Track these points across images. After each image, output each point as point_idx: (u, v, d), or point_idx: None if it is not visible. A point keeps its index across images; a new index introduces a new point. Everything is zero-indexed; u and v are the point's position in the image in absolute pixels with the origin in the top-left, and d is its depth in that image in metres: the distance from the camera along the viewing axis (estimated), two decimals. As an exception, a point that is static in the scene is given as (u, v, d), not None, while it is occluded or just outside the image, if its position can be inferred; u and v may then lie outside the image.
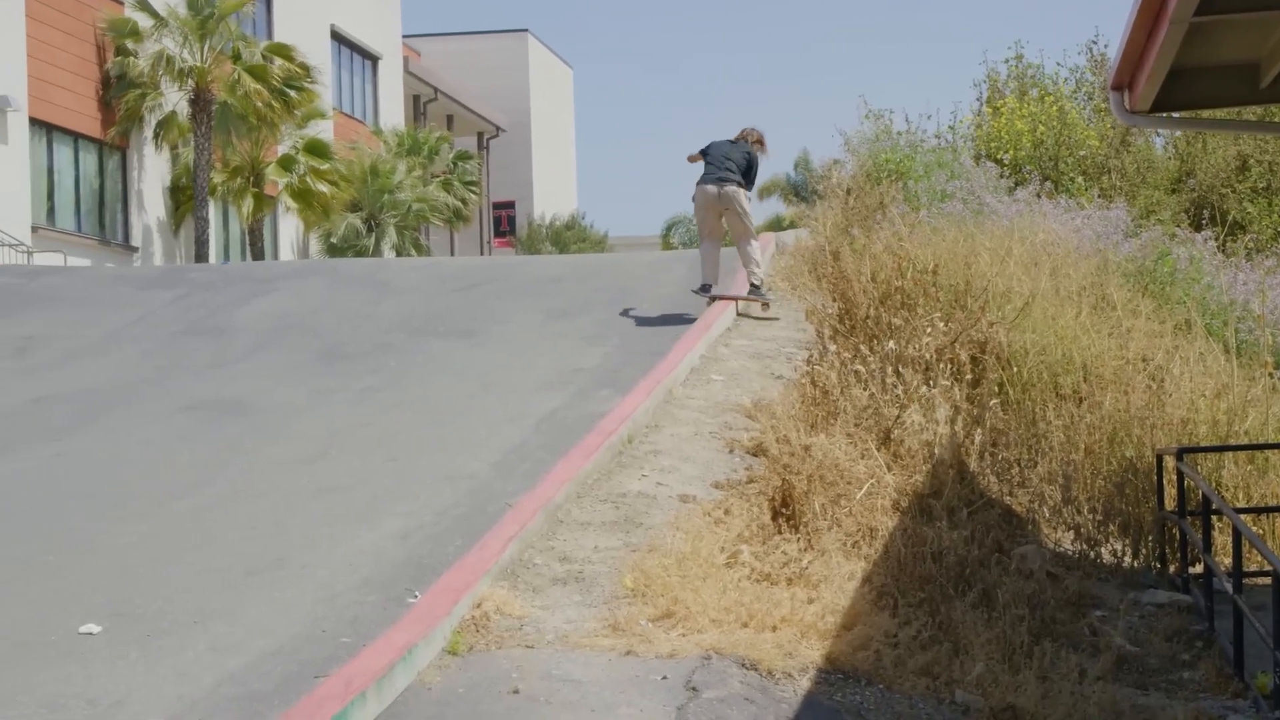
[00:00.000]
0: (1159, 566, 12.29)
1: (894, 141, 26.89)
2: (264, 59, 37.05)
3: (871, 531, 10.77)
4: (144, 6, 35.61)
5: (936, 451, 12.57)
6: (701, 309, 17.64)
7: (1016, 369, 14.78)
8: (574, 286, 20.48)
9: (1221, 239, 23.22)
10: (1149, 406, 13.61)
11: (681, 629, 8.46)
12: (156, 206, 37.41)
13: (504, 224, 63.42)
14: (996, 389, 14.39)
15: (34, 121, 33.01)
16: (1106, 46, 32.87)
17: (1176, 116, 12.29)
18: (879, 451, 12.25)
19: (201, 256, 35.53)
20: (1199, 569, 11.46)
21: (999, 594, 10.11)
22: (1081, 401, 14.04)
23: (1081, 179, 28.67)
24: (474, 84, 61.37)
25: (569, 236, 58.42)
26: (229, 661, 7.79)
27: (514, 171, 64.00)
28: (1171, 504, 12.23)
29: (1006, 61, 34.22)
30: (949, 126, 32.13)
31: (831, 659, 8.43)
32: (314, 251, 43.07)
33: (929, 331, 14.61)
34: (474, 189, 51.15)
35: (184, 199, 37.59)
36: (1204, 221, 26.57)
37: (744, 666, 7.98)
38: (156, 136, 36.96)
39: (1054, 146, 29.78)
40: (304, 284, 21.63)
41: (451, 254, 54.10)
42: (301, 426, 13.63)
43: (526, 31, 65.64)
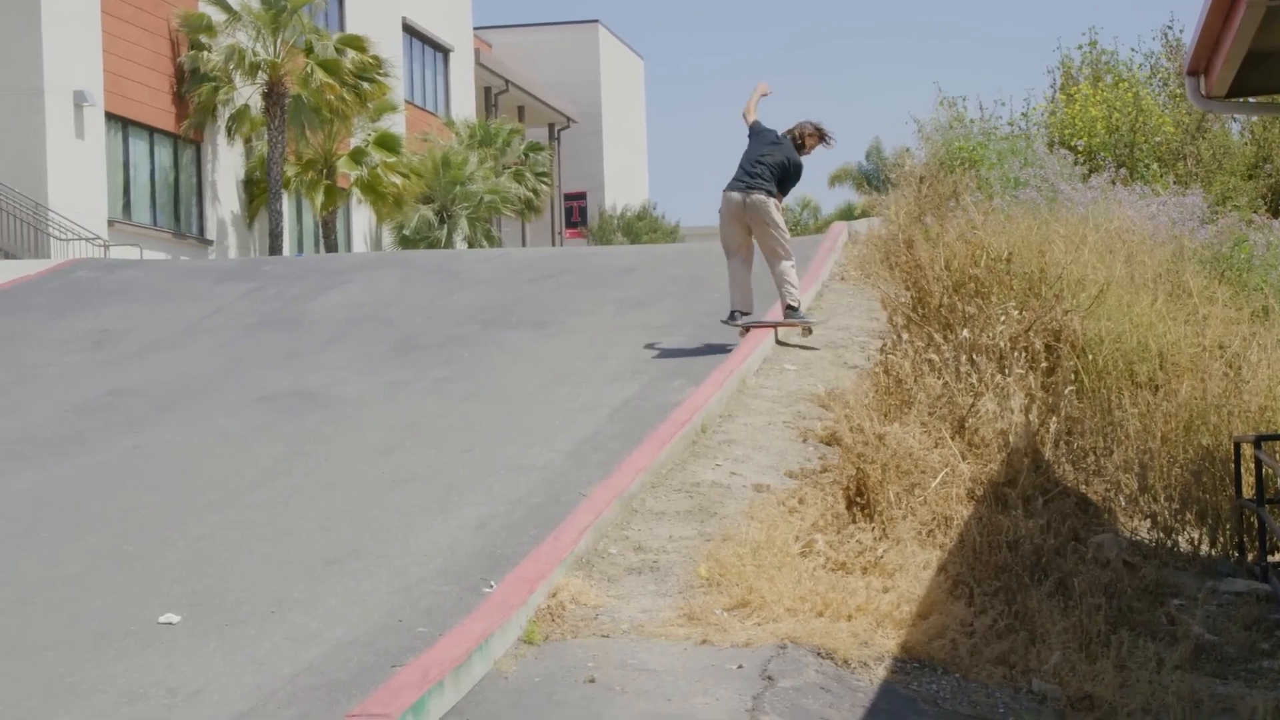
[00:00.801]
0: (1237, 555, 12.19)
1: (967, 129, 26.75)
2: (336, 52, 37.27)
3: (946, 520, 10.73)
4: (218, 1, 35.85)
5: (1011, 440, 12.50)
6: (757, 311, 17.50)
7: (1091, 357, 14.67)
8: (646, 277, 20.48)
9: (1299, 224, 22.95)
10: (1226, 394, 13.48)
11: (757, 618, 8.45)
12: (230, 200, 37.66)
13: (575, 215, 63.49)
14: (1071, 377, 14.29)
15: (110, 116, 33.30)
16: (1182, 31, 32.60)
17: (1253, 101, 12.16)
18: (953, 440, 12.20)
19: (275, 249, 35.75)
20: (1278, 557, 11.35)
21: (1075, 583, 10.04)
22: (1157, 389, 13.93)
23: (1156, 165, 28.43)
24: (545, 75, 61.43)
25: (640, 227, 58.38)
26: (306, 651, 7.84)
27: (585, 162, 64.03)
28: (1249, 492, 12.12)
29: (1080, 48, 33.98)
30: (1022, 114, 31.95)
31: (907, 648, 8.40)
32: (386, 243, 43.25)
33: (1003, 320, 14.54)
34: (545, 180, 51.22)
35: (258, 192, 37.83)
36: (1281, 207, 26.31)
37: (820, 655, 7.96)
38: (230, 130, 37.21)
39: (1129, 133, 29.54)
40: (377, 276, 21.72)
41: (523, 245, 54.19)
42: (376, 417, 13.70)
43: (597, 22, 65.64)
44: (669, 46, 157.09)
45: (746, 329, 15.60)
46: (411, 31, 48.65)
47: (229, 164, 37.65)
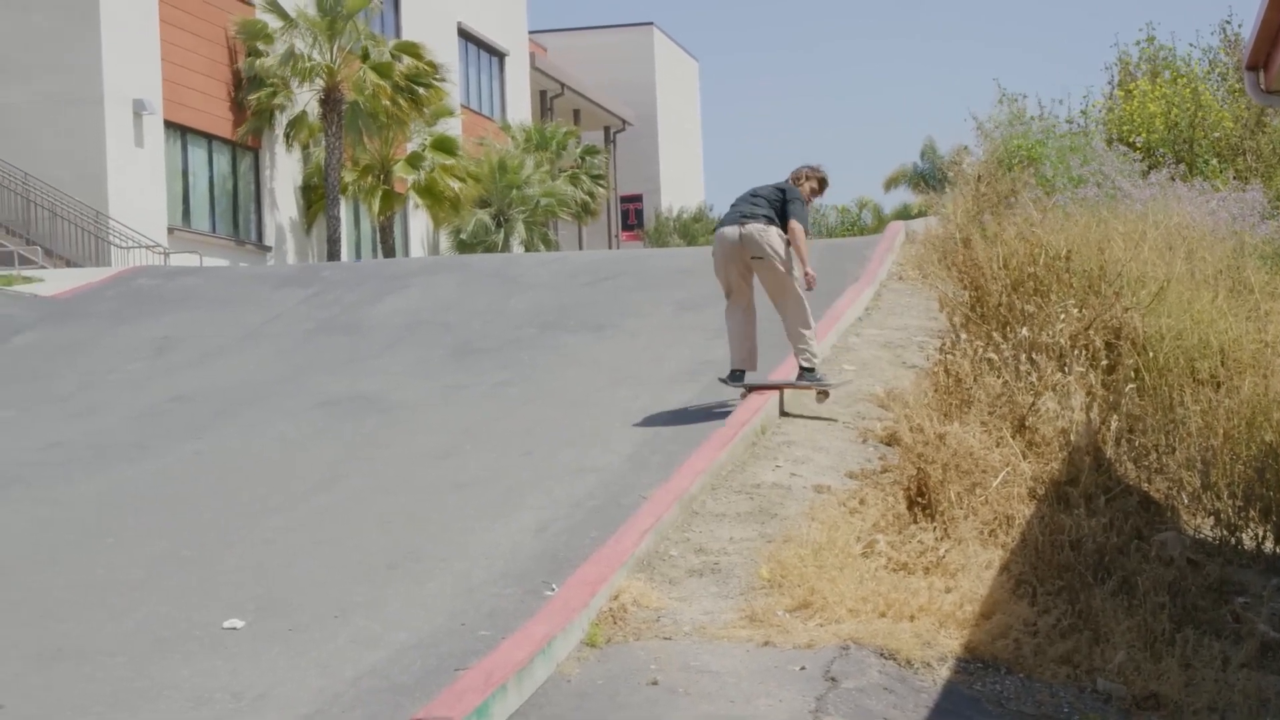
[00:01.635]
0: (1302, 552, 12.09)
1: (1026, 127, 26.63)
2: (392, 57, 37.40)
3: (1008, 520, 10.68)
4: (274, 8, 36.05)
5: (1072, 439, 12.44)
6: (814, 312, 17.41)
7: (1152, 354, 14.57)
8: (703, 279, 20.38)
9: (1362, 219, 22.76)
10: (1289, 390, 13.37)
11: (819, 619, 8.44)
12: (289, 206, 37.87)
13: (632, 217, 63.53)
14: (1132, 375, 14.20)
15: (169, 124, 33.54)
16: (1240, 26, 32.33)
17: (1314, 96, 12.06)
18: (1014, 439, 12.14)
19: (333, 254, 35.92)
20: (1344, 554, 11.25)
21: (1139, 581, 9.98)
22: (1219, 386, 13.82)
23: (1216, 161, 28.23)
24: (600, 78, 61.49)
25: (697, 229, 58.36)
26: (370, 654, 7.87)
27: (641, 165, 64.06)
28: (1314, 488, 12.01)
29: (1138, 44, 33.77)
30: (1081, 111, 31.79)
31: (970, 648, 8.38)
32: (444, 248, 43.38)
33: (1063, 318, 14.46)
34: (601, 183, 51.31)
35: (315, 198, 38.02)
36: (1344, 202, 26.05)
37: (882, 656, 7.95)
38: (287, 136, 37.43)
39: (1187, 129, 29.34)
40: (435, 280, 21.79)
41: (580, 248, 54.30)
42: (435, 421, 13.74)
43: (652, 25, 65.69)
44: (723, 46, 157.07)
45: (749, 390, 13.21)
46: (467, 36, 48.79)
47: (287, 170, 37.85)
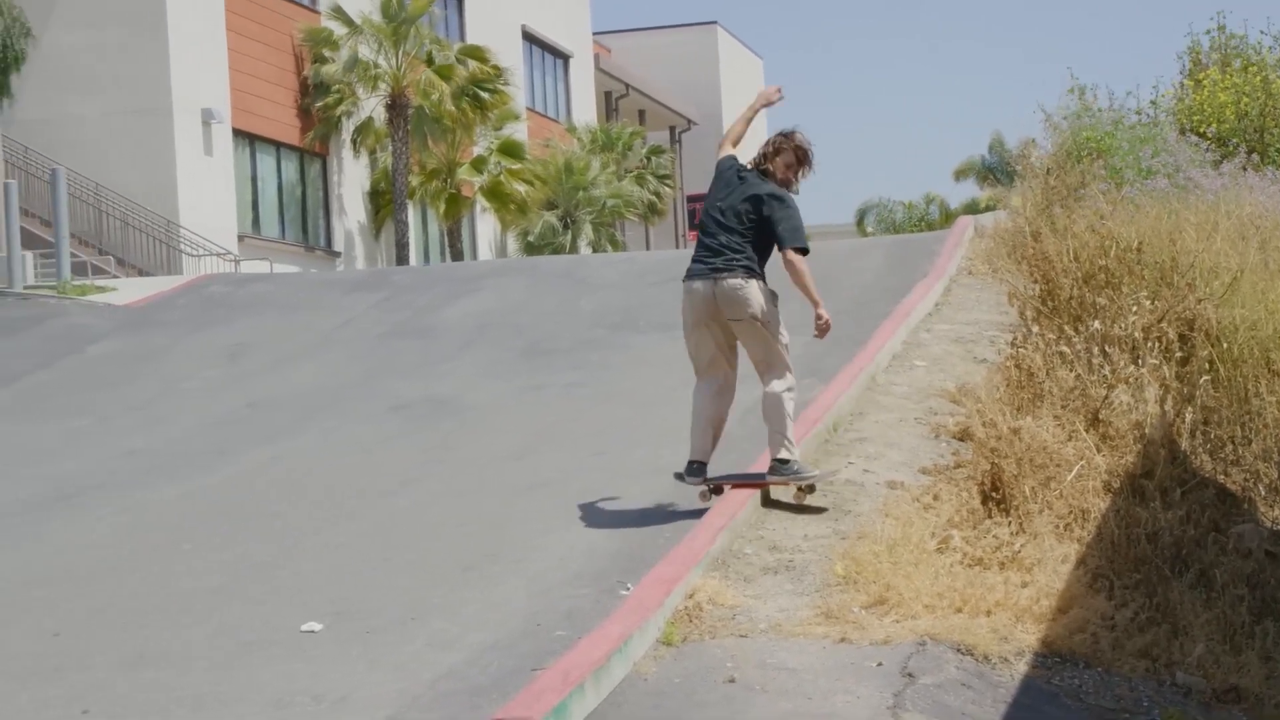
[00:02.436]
0: (1381, 543, 11.98)
1: (1096, 118, 26.47)
2: (457, 62, 37.53)
3: (1083, 514, 10.63)
4: (339, 15, 36.28)
5: (1147, 431, 12.37)
6: (883, 308, 17.35)
7: (1226, 345, 14.47)
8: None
9: None
10: (1367, 380, 13.26)
11: (895, 615, 8.43)
12: (357, 211, 38.08)
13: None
14: (1206, 366, 14.10)
15: (237, 133, 33.80)
16: (1311, 12, 32.05)
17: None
18: (1087, 433, 12.09)
19: (402, 259, 36.10)
20: None
21: (1217, 574, 9.93)
22: (1295, 377, 13.72)
23: (1288, 150, 27.98)
24: (664, 78, 61.49)
25: (764, 227, 58.21)
26: (447, 656, 7.91)
27: (707, 164, 63.40)
28: (1393, 479, 11.92)
29: (1208, 32, 33.50)
30: (1151, 101, 31.56)
31: (1048, 642, 8.35)
32: (511, 250, 43.52)
33: (1135, 310, 14.37)
34: (668, 183, 51.35)
35: (383, 203, 38.22)
36: None
37: (959, 652, 7.93)
38: (354, 142, 37.63)
39: (1258, 118, 29.08)
40: (504, 283, 21.88)
41: (647, 248, 54.31)
42: (508, 423, 13.79)
43: (715, 24, 65.65)
44: (788, 43, 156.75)
45: (715, 489, 10.31)
46: (531, 39, 48.91)
47: (354, 176, 38.06)
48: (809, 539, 9.82)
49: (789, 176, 10.43)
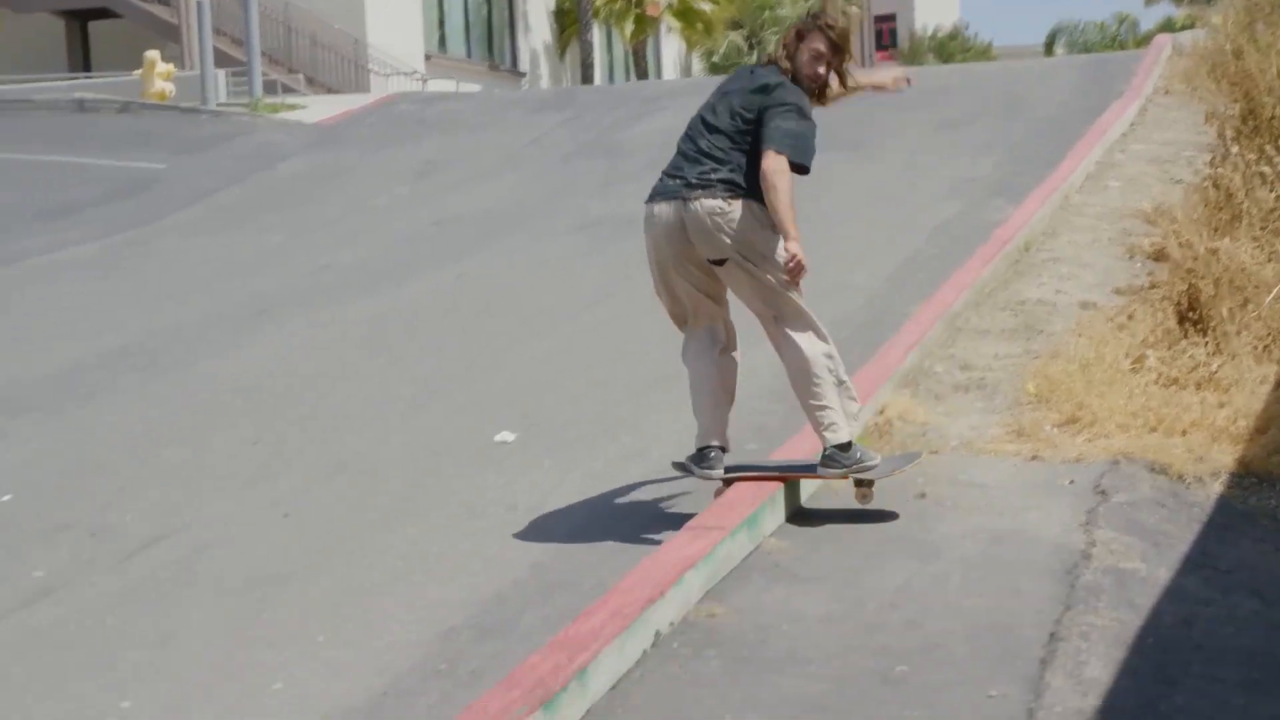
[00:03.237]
0: None
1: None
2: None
3: (1283, 335, 10.41)
4: None
5: (1350, 253, 12.05)
6: (1076, 129, 16.97)
7: None
8: (961, 97, 20.13)
9: None
10: None
11: (1087, 434, 8.33)
12: (542, 31, 38.00)
13: (885, 37, 62.61)
14: None
15: (423, -48, 33.76)
16: None
17: None
18: (1287, 254, 11.80)
19: (587, 79, 36.02)
20: None
21: None
22: None
23: None
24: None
25: (952, 47, 57.35)
26: (636, 467, 8.00)
27: (894, -18, 62.97)
28: None
29: None
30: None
31: (1244, 463, 8.20)
32: (696, 70, 43.25)
33: (1341, 129, 13.97)
34: (854, 2, 50.55)
35: (568, 23, 38.09)
36: None
37: (1153, 471, 7.83)
38: (540, -39, 37.49)
39: None
40: (690, 102, 21.53)
41: (832, 69, 53.61)
42: (695, 241, 13.76)
43: None
44: None
45: (729, 479, 7.22)
46: None
47: (540, -5, 37.97)
48: (999, 358, 9.73)
49: (815, 72, 7.55)
